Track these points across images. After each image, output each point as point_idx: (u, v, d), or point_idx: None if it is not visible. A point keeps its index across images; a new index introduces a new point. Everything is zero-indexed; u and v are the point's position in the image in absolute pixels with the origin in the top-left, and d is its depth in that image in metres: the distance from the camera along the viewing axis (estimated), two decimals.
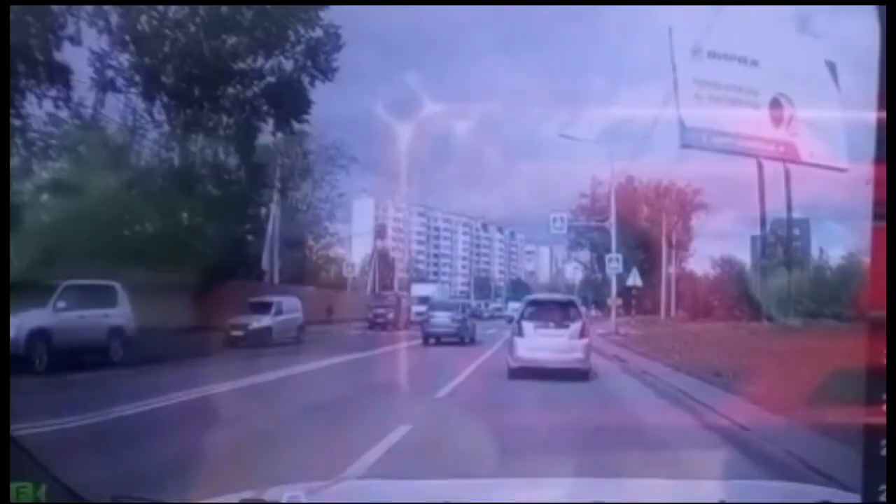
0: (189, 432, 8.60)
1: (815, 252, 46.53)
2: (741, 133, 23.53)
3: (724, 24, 22.53)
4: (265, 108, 33.67)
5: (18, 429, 1.82)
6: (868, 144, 1.48)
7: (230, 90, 33.23)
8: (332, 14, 30.35)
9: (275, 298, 26.49)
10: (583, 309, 17.88)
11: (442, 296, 44.56)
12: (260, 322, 24.57)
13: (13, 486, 1.71)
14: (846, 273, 34.29)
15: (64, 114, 28.09)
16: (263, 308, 25.41)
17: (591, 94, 67.41)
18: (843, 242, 43.54)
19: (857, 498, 1.60)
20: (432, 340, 26.01)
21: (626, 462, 6.39)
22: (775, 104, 23.21)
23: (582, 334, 15.16)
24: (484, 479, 3.66)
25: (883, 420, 1.44)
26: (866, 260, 1.66)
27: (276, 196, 36.99)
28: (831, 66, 23.73)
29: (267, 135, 34.35)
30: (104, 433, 8.77)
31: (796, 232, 38.07)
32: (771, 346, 16.96)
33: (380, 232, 50.27)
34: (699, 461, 7.07)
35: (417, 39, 75.74)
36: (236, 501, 2.06)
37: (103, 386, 13.67)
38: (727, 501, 2.20)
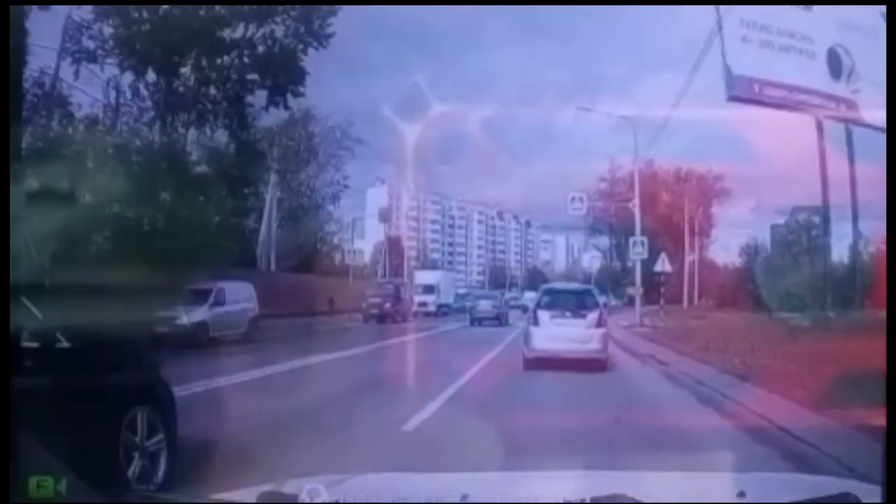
0: None
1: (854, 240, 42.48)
2: (798, 86, 19.50)
3: None
4: (256, 79, 30.37)
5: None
6: None
7: (218, 61, 29.95)
8: None
9: (216, 284, 21.58)
10: (600, 298, 17.16)
11: (448, 284, 41.18)
12: (191, 315, 20.05)
13: (34, 479, 1.77)
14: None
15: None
16: (199, 297, 20.79)
17: (610, 82, 65.49)
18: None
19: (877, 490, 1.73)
20: (477, 322, 30.79)
21: None
22: (833, 56, 19.37)
23: (599, 324, 14.66)
24: (501, 473, 3.81)
25: None
26: None
27: (273, 178, 33.69)
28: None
29: (266, 114, 31.08)
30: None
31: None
32: (848, 347, 12.72)
33: (384, 215, 46.41)
34: None
35: (432, 30, 73.37)
36: (256, 496, 2.03)
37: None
38: (746, 494, 2.20)
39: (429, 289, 39.46)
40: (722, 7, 19.42)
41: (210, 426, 7.22)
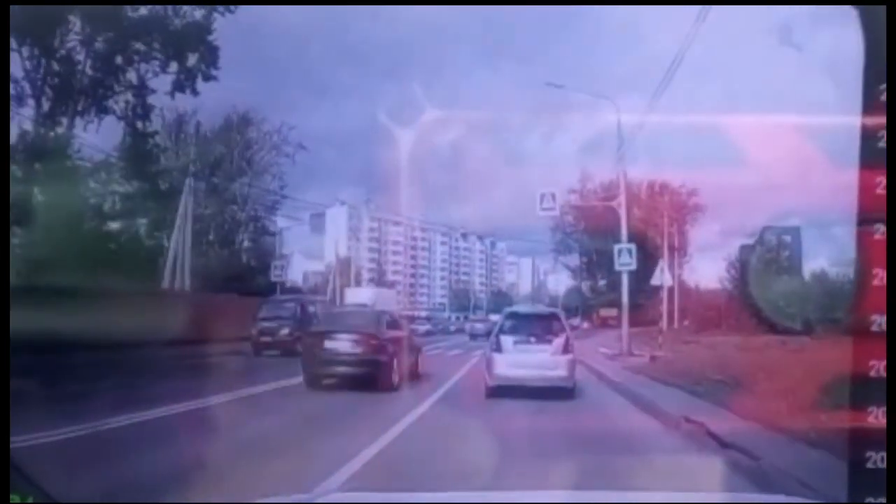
0: None
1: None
2: None
3: None
4: (159, 58, 24.56)
5: None
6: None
7: (111, 35, 24.12)
8: None
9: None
10: (566, 322, 15.43)
11: (385, 301, 33.70)
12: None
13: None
14: None
15: None
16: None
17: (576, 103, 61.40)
18: None
19: None
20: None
21: None
22: None
23: (566, 349, 13.52)
24: (472, 492, 3.56)
25: None
26: None
27: (188, 184, 27.66)
28: None
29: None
30: None
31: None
32: None
33: (315, 224, 39.74)
34: None
35: (397, 52, 72.27)
36: None
37: None
38: None
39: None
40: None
41: None
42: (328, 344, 13.95)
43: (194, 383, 11.79)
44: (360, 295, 32.09)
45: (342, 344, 13.94)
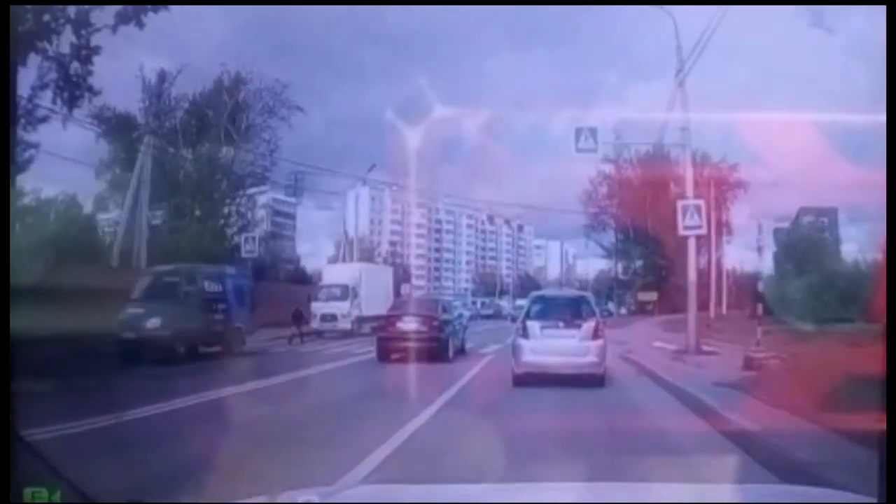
0: None
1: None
2: None
3: None
4: None
5: None
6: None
7: None
8: None
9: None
10: (596, 306, 14.01)
11: (376, 284, 26.94)
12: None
13: (28, 490, 1.69)
14: None
15: None
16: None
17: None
18: None
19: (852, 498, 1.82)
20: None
21: None
22: None
23: (596, 335, 12.41)
24: (493, 484, 3.38)
25: None
26: None
27: (146, 142, 22.26)
28: None
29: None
30: None
31: None
32: None
33: (291, 190, 33.24)
34: None
35: (426, 36, 71.12)
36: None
37: None
38: None
39: (338, 292, 24.76)
40: None
41: None
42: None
43: None
44: (339, 273, 26.25)
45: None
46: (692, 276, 16.92)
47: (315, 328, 23.03)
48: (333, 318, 24.02)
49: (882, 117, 2.17)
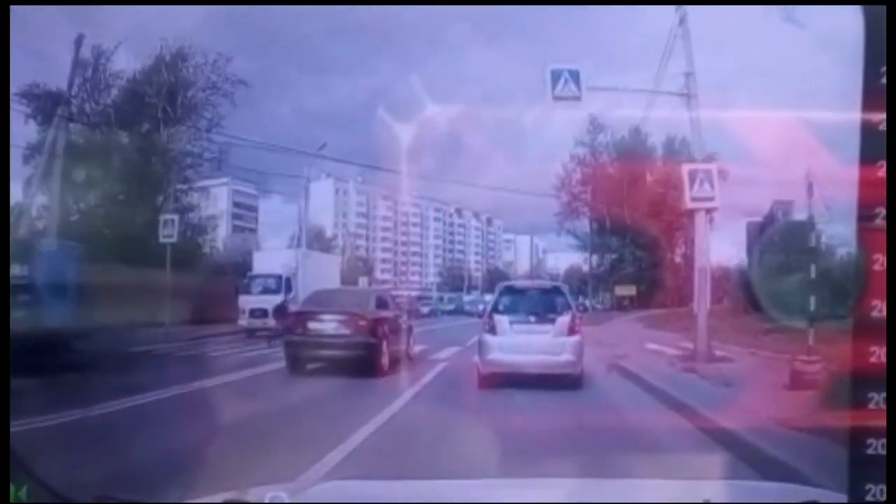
0: None
1: None
2: None
3: None
4: None
5: None
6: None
7: None
8: None
9: None
10: (571, 298, 12.82)
11: (316, 273, 22.21)
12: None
13: None
14: None
15: None
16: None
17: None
18: None
19: (843, 498, 1.62)
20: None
21: None
22: None
23: (572, 330, 11.36)
24: (471, 480, 3.15)
25: None
26: None
27: (61, 113, 19.07)
28: None
29: None
30: None
31: None
32: None
33: (216, 164, 29.92)
34: None
35: (396, 31, 69.59)
36: (219, 501, 1.96)
37: None
38: (713, 502, 2.04)
39: (272, 284, 21.44)
40: None
41: None
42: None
43: None
44: (271, 261, 22.82)
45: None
46: (701, 262, 14.11)
47: (244, 326, 19.87)
48: (265, 313, 20.31)
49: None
